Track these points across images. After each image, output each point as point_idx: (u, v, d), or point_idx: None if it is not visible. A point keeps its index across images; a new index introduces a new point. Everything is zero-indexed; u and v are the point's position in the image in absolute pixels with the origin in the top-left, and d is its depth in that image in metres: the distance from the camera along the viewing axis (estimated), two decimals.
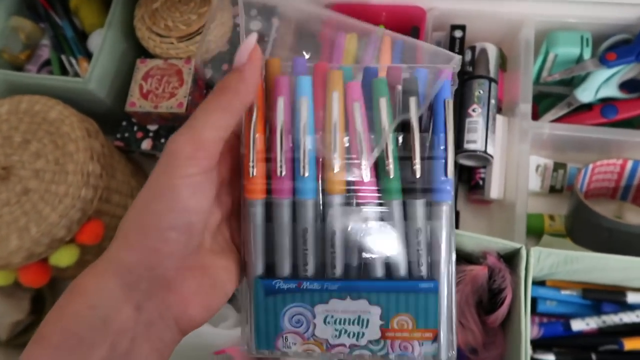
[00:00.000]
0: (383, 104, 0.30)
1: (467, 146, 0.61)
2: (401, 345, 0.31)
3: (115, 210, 0.63)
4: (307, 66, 0.32)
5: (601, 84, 0.61)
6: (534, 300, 0.55)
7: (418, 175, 0.29)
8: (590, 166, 0.58)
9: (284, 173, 0.30)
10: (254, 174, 0.30)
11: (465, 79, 0.65)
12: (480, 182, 0.64)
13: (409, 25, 0.67)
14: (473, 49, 0.66)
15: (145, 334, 0.27)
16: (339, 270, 0.30)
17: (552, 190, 0.64)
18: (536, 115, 0.66)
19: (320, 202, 0.30)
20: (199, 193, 0.27)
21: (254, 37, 0.29)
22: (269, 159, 0.30)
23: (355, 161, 0.30)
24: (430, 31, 0.66)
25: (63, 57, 0.68)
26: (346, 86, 0.30)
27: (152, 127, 0.67)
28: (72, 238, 0.56)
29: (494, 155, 0.62)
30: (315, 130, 0.30)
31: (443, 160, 0.30)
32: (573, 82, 0.65)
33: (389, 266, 0.30)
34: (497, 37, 0.68)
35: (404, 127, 0.30)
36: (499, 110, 0.67)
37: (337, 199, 0.30)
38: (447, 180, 0.30)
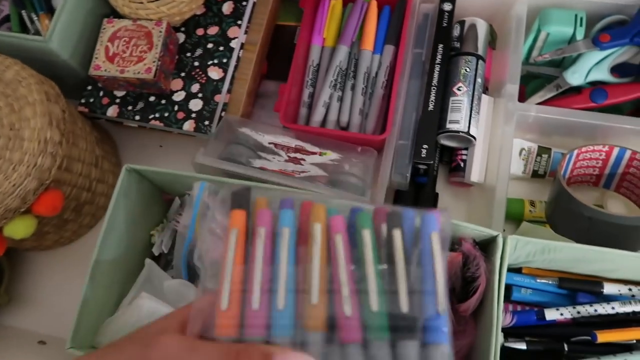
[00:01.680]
0: (367, 235, 0.28)
1: (449, 126, 0.58)
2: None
3: (77, 180, 0.60)
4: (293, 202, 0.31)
5: (592, 66, 0.59)
6: (509, 288, 0.54)
7: (404, 309, 0.27)
8: (575, 152, 0.56)
9: (256, 306, 0.27)
10: (226, 306, 0.27)
11: (452, 55, 0.61)
12: (461, 164, 0.61)
13: None
14: (462, 23, 0.63)
15: None
16: None
17: (535, 175, 0.62)
18: (523, 97, 0.63)
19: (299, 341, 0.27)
20: None
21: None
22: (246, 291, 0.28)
23: (337, 294, 0.28)
24: (418, 3, 0.63)
25: (24, 13, 0.63)
26: (329, 219, 0.29)
27: (119, 93, 0.63)
28: (29, 209, 0.53)
29: (477, 137, 0.60)
30: (296, 262, 0.29)
31: (433, 295, 0.27)
32: (563, 63, 0.62)
33: None
34: (488, 12, 0.65)
35: (390, 260, 0.28)
36: (486, 89, 0.64)
37: (316, 337, 0.27)
38: (440, 318, 0.27)
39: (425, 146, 0.57)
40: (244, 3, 0.65)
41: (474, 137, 0.59)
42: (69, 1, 0.60)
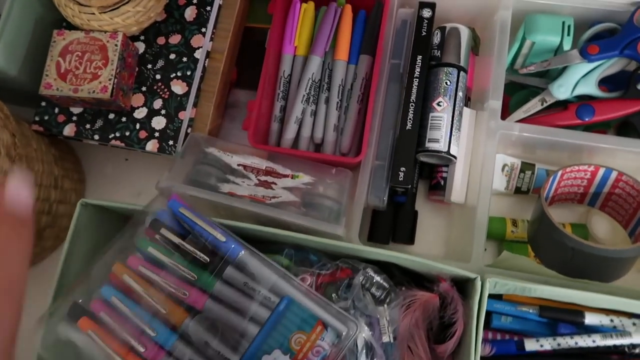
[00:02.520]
0: None
1: (428, 145, 0.55)
2: (314, 352, 0.40)
3: (34, 206, 0.56)
4: None
5: (579, 79, 0.55)
6: (489, 314, 0.52)
7: None
8: (560, 172, 0.54)
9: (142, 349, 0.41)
10: None
11: (432, 65, 0.57)
12: (442, 182, 0.59)
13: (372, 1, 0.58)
14: (443, 29, 0.58)
15: None
16: None
17: (518, 191, 0.59)
18: (507, 109, 0.60)
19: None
20: None
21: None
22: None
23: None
24: (395, 7, 0.58)
25: None
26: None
27: (76, 110, 0.58)
28: None
29: (458, 155, 0.56)
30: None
31: None
32: (549, 74, 0.59)
33: None
34: (470, 17, 0.61)
35: None
36: (468, 99, 0.61)
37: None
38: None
39: (402, 169, 0.54)
40: (208, 8, 0.60)
41: (455, 157, 0.56)
42: (14, 11, 0.54)
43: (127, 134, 0.57)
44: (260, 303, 0.42)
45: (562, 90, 0.55)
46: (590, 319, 0.50)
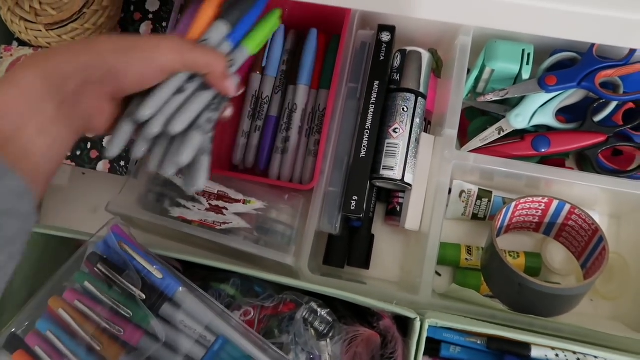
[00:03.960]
0: None
1: (383, 172, 0.54)
2: None
3: None
4: None
5: (537, 109, 0.55)
6: (438, 343, 0.52)
7: None
8: (513, 204, 0.53)
9: None
10: None
11: (390, 89, 0.57)
12: (398, 208, 0.58)
13: (331, 23, 0.57)
14: (403, 53, 0.57)
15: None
16: None
17: (475, 217, 0.59)
18: (466, 134, 0.59)
19: None
20: None
21: None
22: None
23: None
24: (354, 30, 0.57)
25: None
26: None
27: None
28: None
29: (414, 182, 0.56)
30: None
31: None
32: (509, 101, 0.58)
33: None
34: (432, 40, 0.60)
35: None
36: (428, 124, 0.60)
37: None
38: None
39: (355, 197, 0.53)
40: (164, 24, 0.58)
41: (409, 185, 0.55)
42: None
43: (78, 153, 0.56)
44: (196, 341, 0.41)
45: (519, 120, 0.55)
46: (536, 352, 0.49)
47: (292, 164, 0.58)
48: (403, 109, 0.55)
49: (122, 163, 0.56)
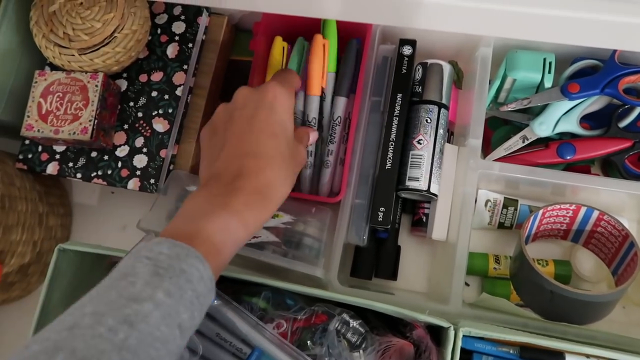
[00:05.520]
0: None
1: (409, 183, 0.55)
2: None
3: (17, 246, 0.56)
4: None
5: (561, 116, 0.55)
6: (470, 353, 0.52)
7: None
8: (540, 212, 0.53)
9: None
10: None
11: (413, 102, 0.57)
12: (424, 219, 0.58)
13: (351, 35, 0.58)
14: (424, 66, 0.58)
15: None
16: None
17: (501, 226, 0.59)
18: (489, 143, 0.60)
19: None
20: None
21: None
22: None
23: None
24: (376, 44, 0.58)
25: None
26: None
27: (59, 148, 0.59)
28: None
29: (440, 192, 0.56)
30: None
31: None
32: (531, 109, 0.58)
33: None
34: (452, 52, 0.61)
35: None
36: (451, 134, 0.60)
37: None
38: None
39: (382, 209, 0.54)
40: (190, 45, 0.60)
41: (435, 195, 0.55)
42: None
43: (109, 172, 0.58)
44: (233, 354, 0.42)
45: (543, 128, 0.55)
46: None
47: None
48: (426, 120, 0.56)
49: (152, 181, 0.57)
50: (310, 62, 0.59)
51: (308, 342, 0.46)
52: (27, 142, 0.59)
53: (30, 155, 0.59)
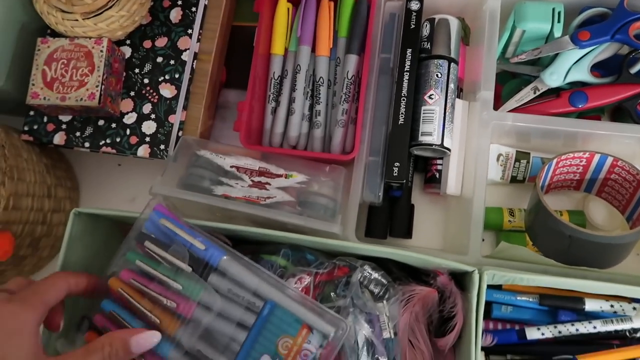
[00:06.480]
0: None
1: (422, 139, 0.55)
2: (302, 355, 0.40)
3: (28, 216, 0.55)
4: None
5: (571, 66, 0.55)
6: (489, 305, 0.52)
7: None
8: (554, 161, 0.53)
9: None
10: None
11: (422, 58, 0.57)
12: (437, 175, 0.58)
13: None
14: (432, 21, 0.58)
15: None
16: None
17: (514, 180, 0.59)
18: (499, 98, 0.59)
19: None
20: None
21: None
22: None
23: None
24: (382, 1, 0.58)
25: None
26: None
27: (65, 118, 0.58)
28: None
29: (452, 147, 0.56)
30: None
31: None
32: (541, 61, 0.58)
33: None
34: (459, 7, 0.60)
35: None
36: (460, 90, 0.60)
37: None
38: None
39: (397, 164, 0.53)
40: (193, 9, 0.59)
41: (449, 149, 0.55)
42: None
43: (118, 140, 0.57)
44: (246, 308, 0.41)
45: (554, 77, 0.55)
46: (590, 305, 0.50)
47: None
48: (437, 75, 0.56)
49: (162, 147, 0.56)
50: (318, 24, 0.58)
51: (332, 294, 0.46)
52: (31, 113, 0.58)
53: (35, 127, 0.58)
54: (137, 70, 0.58)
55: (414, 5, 0.57)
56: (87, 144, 0.57)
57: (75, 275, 0.42)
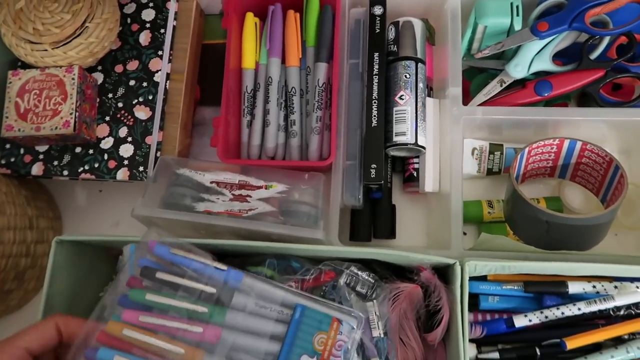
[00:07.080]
0: None
1: (396, 139, 0.56)
2: (337, 347, 0.40)
3: (10, 250, 0.55)
4: None
5: (534, 56, 0.57)
6: (476, 297, 0.53)
7: None
8: (526, 150, 0.55)
9: None
10: None
11: (390, 60, 0.58)
12: (415, 174, 0.59)
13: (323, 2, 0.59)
14: (396, 24, 0.59)
15: None
16: None
17: (490, 172, 0.60)
18: (468, 94, 0.61)
19: None
20: None
21: None
22: None
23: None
24: (347, 8, 0.59)
25: None
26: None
27: (42, 148, 0.58)
28: None
29: (427, 145, 0.57)
30: None
31: None
32: (505, 55, 0.60)
33: None
34: (421, 9, 0.62)
35: None
36: (430, 90, 0.61)
37: None
38: None
39: (373, 166, 0.54)
40: (162, 30, 0.60)
41: (423, 147, 0.56)
42: None
43: (96, 165, 0.57)
44: (276, 319, 0.41)
45: (518, 69, 0.56)
46: (573, 287, 0.51)
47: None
48: (405, 76, 0.57)
49: (141, 168, 0.57)
50: (286, 36, 0.59)
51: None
52: (7, 146, 0.58)
53: (12, 159, 0.58)
54: (110, 95, 0.58)
55: (377, 10, 0.58)
56: (65, 172, 0.57)
57: (66, 317, 0.38)
